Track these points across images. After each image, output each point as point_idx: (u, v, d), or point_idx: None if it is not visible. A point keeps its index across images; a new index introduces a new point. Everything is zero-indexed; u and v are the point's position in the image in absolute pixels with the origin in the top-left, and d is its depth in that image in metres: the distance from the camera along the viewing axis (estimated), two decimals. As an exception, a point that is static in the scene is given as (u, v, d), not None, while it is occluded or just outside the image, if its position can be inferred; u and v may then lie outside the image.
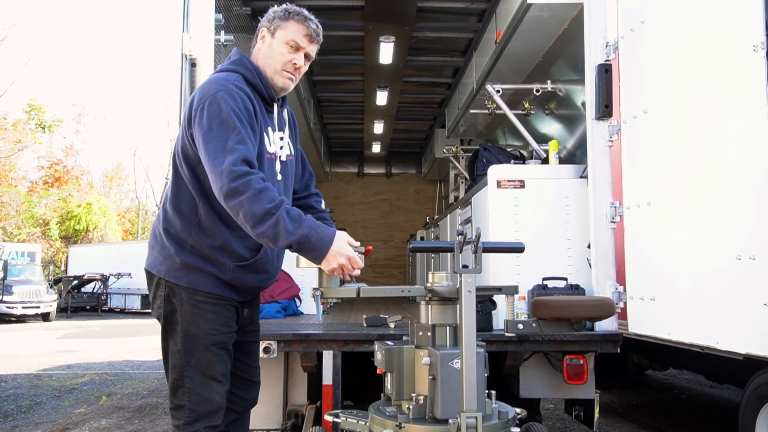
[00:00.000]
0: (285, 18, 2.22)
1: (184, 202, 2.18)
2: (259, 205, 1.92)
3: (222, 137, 2.00)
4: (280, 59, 2.23)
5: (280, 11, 2.24)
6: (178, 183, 2.20)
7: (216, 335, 2.16)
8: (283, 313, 4.23)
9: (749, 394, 3.36)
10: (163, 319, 2.19)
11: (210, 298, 2.17)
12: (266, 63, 2.24)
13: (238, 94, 2.10)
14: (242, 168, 1.95)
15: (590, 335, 3.21)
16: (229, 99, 2.06)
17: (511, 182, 3.67)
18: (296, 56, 2.24)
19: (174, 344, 2.17)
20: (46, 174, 32.21)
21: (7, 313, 18.25)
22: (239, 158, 1.96)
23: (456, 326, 2.02)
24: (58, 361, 9.65)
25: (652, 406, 6.18)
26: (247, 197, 1.92)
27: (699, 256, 2.71)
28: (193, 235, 2.15)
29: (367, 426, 2.09)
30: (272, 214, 1.91)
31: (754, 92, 2.36)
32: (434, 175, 10.36)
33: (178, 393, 2.16)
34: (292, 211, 1.96)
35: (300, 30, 2.22)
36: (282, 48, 2.22)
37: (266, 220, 1.91)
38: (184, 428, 2.13)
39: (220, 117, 2.03)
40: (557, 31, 4.43)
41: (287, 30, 2.22)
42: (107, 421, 5.47)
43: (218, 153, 1.98)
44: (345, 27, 6.07)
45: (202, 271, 2.16)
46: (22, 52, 50.81)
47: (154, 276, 2.22)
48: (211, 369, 2.15)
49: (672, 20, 2.93)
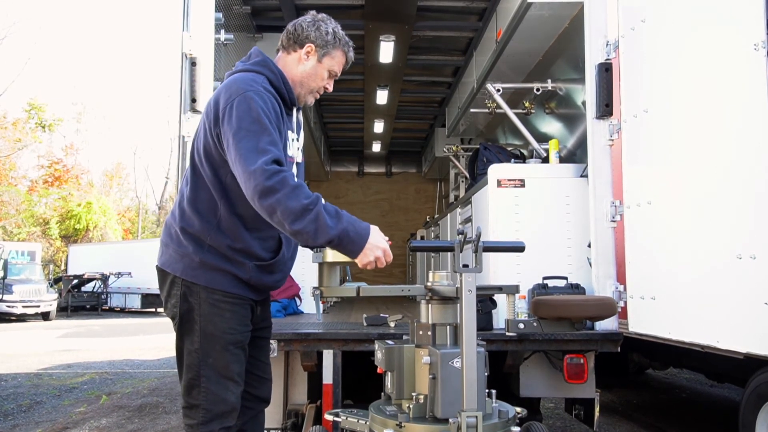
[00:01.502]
0: (336, 46, 2.30)
1: (203, 203, 2.16)
2: (297, 201, 1.91)
3: (253, 137, 1.99)
4: (319, 83, 2.32)
5: (332, 36, 2.29)
6: (197, 182, 2.18)
7: (234, 334, 2.15)
8: (283, 312, 4.23)
9: (749, 393, 3.36)
10: (179, 318, 2.16)
11: (228, 297, 2.15)
12: (304, 80, 2.29)
13: (267, 95, 2.11)
14: (274, 167, 1.95)
15: (590, 334, 3.21)
16: (259, 99, 2.06)
17: (511, 181, 3.67)
18: (330, 82, 2.36)
19: (191, 343, 2.14)
20: (46, 173, 32.22)
21: (7, 312, 18.26)
22: (271, 158, 1.95)
23: (456, 325, 2.02)
24: (58, 360, 9.65)
25: (652, 406, 6.19)
26: (284, 194, 1.91)
27: (699, 255, 2.70)
28: (212, 236, 2.14)
29: (368, 425, 2.09)
30: (310, 209, 1.91)
31: (755, 91, 2.36)
32: (434, 174, 10.36)
33: (193, 392, 2.13)
34: (328, 206, 1.96)
35: (343, 61, 2.34)
36: (324, 74, 2.31)
37: (305, 216, 1.91)
38: (198, 428, 2.11)
39: (250, 116, 2.02)
40: (558, 30, 4.42)
41: (335, 59, 2.31)
42: (107, 420, 5.48)
43: (250, 153, 1.97)
44: (345, 26, 5.91)
45: (221, 270, 2.14)
46: (22, 51, 50.80)
47: (168, 274, 2.19)
48: (228, 369, 2.13)
49: (673, 19, 2.93)
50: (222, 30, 3.61)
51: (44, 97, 53.62)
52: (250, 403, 2.33)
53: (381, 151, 11.12)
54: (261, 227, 2.17)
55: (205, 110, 2.18)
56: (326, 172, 10.80)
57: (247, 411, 2.31)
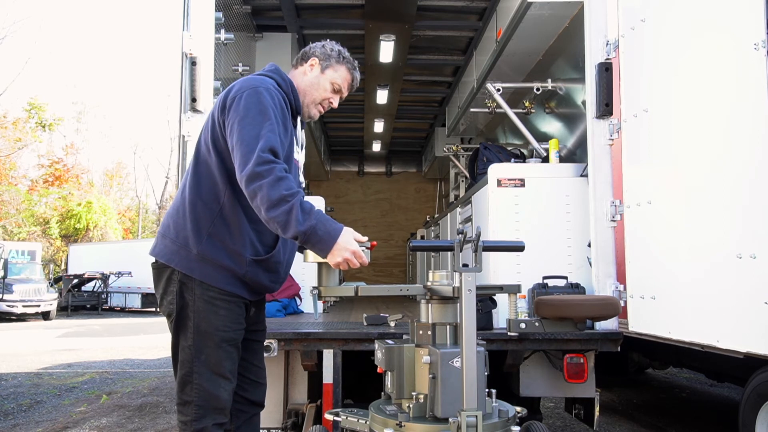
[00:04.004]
0: (339, 61, 2.43)
1: (207, 189, 2.21)
2: (277, 191, 1.98)
3: (256, 124, 2.09)
4: (322, 93, 2.43)
5: (336, 53, 2.44)
6: (198, 171, 2.24)
7: (227, 332, 2.19)
8: (283, 311, 4.23)
9: (749, 392, 3.37)
10: (175, 315, 2.19)
11: (223, 295, 2.19)
12: (308, 90, 2.42)
13: (276, 93, 2.23)
14: (268, 156, 2.03)
15: (591, 334, 3.21)
16: (268, 95, 2.18)
17: (511, 181, 3.67)
18: (334, 97, 2.47)
19: (184, 340, 2.18)
20: (47, 172, 32.23)
21: (7, 311, 18.25)
22: (267, 146, 2.04)
23: (456, 325, 2.02)
24: (58, 359, 9.65)
25: (652, 405, 6.19)
26: (267, 182, 1.99)
27: (699, 255, 2.70)
28: (214, 223, 2.18)
29: (368, 425, 2.09)
30: (287, 201, 1.97)
31: (755, 91, 2.36)
32: (434, 173, 10.36)
33: (186, 389, 2.16)
34: (305, 204, 2.02)
35: (347, 78, 2.46)
36: (327, 85, 2.43)
37: (280, 206, 1.97)
38: (191, 425, 2.14)
39: (258, 107, 2.13)
40: (558, 30, 4.43)
41: (337, 73, 2.43)
42: (107, 419, 5.48)
43: (250, 138, 2.06)
44: (345, 25, 6.07)
45: (218, 265, 2.17)
46: (23, 51, 50.70)
47: (164, 269, 2.21)
48: (220, 366, 2.16)
49: (673, 19, 2.93)
50: (222, 29, 3.61)
51: (44, 96, 53.53)
52: (244, 407, 2.36)
53: (381, 151, 11.12)
54: (260, 219, 2.19)
55: (216, 102, 2.28)
56: (326, 172, 10.80)
57: (240, 414, 2.33)
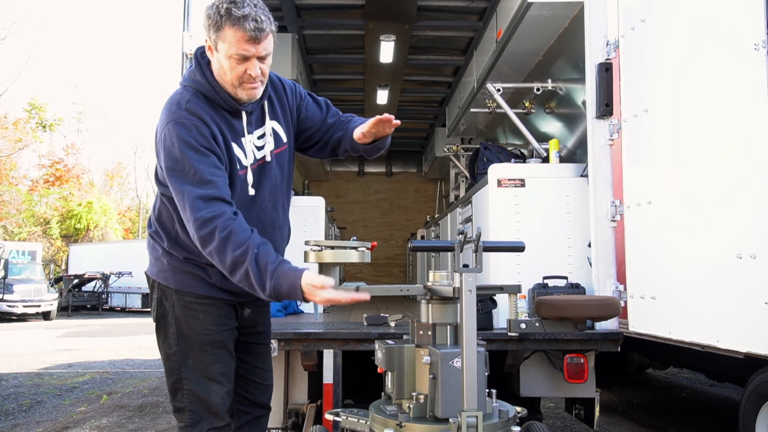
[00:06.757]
0: (219, 27, 1.96)
1: (163, 215, 2.16)
2: (226, 256, 1.89)
3: (180, 176, 1.95)
4: (232, 74, 2.01)
5: (214, 14, 1.96)
6: (158, 196, 2.17)
7: (210, 335, 2.13)
8: (283, 311, 4.23)
9: (749, 392, 3.37)
10: (156, 322, 2.19)
11: (200, 299, 2.14)
12: (222, 79, 2.05)
13: (191, 122, 1.98)
14: (203, 213, 1.90)
15: (591, 334, 3.20)
16: (182, 131, 1.96)
17: (511, 181, 3.67)
18: (248, 65, 2.00)
19: (168, 347, 2.16)
20: (47, 173, 32.25)
21: (7, 311, 18.27)
22: (197, 204, 1.90)
23: (456, 325, 2.02)
24: (58, 359, 9.66)
25: (652, 405, 6.19)
26: (214, 248, 1.90)
27: (700, 255, 2.70)
28: (173, 246, 2.14)
29: (368, 425, 2.09)
30: (241, 264, 1.88)
31: (755, 91, 2.36)
32: (435, 173, 10.35)
33: (178, 395, 2.15)
34: (260, 259, 1.88)
35: (238, 37, 1.94)
36: (227, 63, 2.00)
37: (237, 271, 1.90)
38: (187, 430, 2.12)
39: (174, 155, 1.96)
40: (558, 30, 4.42)
41: (226, 42, 1.97)
42: (108, 419, 5.48)
43: (181, 195, 1.95)
44: (345, 26, 6.07)
45: (189, 273, 2.14)
46: (23, 51, 50.79)
47: (149, 279, 2.24)
48: (208, 370, 2.12)
49: (673, 19, 2.93)
50: (222, 30, 3.61)
51: (45, 96, 53.65)
52: (248, 408, 2.32)
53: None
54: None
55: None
56: (326, 172, 10.79)
57: (242, 415, 2.30)
